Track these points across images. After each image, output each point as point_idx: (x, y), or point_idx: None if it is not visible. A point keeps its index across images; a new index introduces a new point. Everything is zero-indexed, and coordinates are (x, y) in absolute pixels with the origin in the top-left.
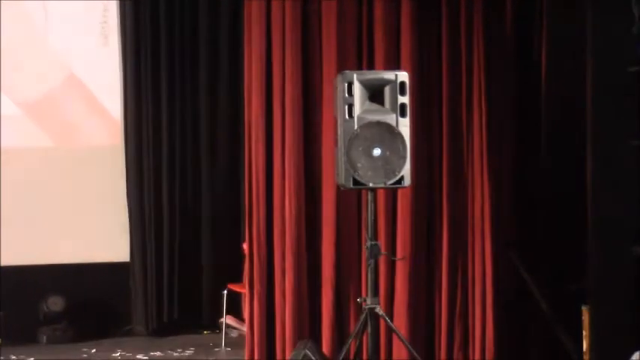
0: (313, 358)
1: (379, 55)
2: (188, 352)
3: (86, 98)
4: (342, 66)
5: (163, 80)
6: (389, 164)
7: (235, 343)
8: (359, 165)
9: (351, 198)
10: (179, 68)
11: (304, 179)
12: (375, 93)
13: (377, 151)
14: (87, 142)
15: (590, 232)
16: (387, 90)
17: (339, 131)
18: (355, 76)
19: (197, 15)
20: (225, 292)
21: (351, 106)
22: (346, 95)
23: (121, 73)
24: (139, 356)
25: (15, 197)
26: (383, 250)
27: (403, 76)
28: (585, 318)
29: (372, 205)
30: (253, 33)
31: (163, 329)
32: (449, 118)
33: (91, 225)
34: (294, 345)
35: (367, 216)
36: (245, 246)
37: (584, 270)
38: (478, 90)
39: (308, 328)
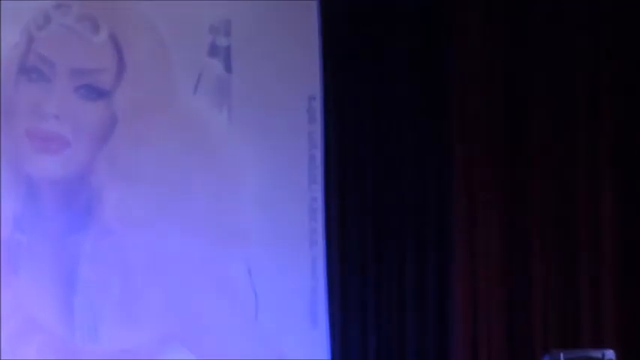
0: None
1: (585, 330)
2: None
3: None
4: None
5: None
6: None
7: None
8: None
9: None
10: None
11: None
12: None
13: None
14: None
15: None
16: None
17: None
18: (562, 355)
19: (404, 296)
20: None
21: None
22: None
23: (329, 352)
24: None
25: None
26: None
27: (610, 354)
28: None
29: None
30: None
31: None
32: None
33: None
34: None
35: None
36: None
37: None
38: None
39: None
